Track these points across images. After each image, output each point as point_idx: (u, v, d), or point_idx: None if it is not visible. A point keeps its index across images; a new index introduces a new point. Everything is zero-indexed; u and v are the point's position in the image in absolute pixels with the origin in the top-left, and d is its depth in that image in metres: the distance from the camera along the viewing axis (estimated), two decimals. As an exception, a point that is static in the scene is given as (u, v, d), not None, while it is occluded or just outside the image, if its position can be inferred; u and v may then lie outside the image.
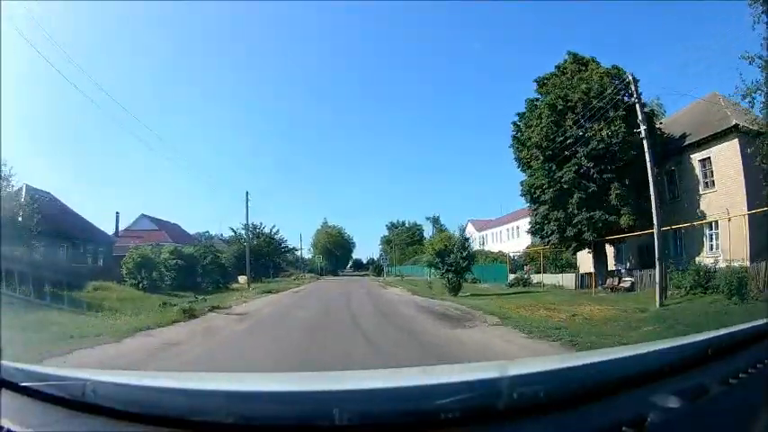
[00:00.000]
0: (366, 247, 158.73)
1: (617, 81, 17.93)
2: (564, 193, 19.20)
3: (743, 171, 15.87)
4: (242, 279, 33.61)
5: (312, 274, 51.94)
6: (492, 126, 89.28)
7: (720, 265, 14.29)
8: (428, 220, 75.35)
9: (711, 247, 17.24)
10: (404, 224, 78.52)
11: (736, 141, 16.24)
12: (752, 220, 14.24)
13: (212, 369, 5.58)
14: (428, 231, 76.04)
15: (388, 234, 79.44)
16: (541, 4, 57.48)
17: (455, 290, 19.38)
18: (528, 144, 20.78)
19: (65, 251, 22.66)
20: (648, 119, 16.36)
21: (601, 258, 20.68)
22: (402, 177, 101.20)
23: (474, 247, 56.62)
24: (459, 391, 1.15)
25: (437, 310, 13.80)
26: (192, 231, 52.21)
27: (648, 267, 16.59)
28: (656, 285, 13.04)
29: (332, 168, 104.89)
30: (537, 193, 20.31)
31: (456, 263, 19.98)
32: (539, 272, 26.71)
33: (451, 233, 23.47)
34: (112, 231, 32.78)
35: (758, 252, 13.64)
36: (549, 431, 1.15)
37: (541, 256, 26.12)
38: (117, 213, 35.30)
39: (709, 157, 17.71)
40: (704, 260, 15.77)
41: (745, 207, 14.93)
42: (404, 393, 1.24)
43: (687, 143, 18.58)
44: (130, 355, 6.69)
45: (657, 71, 50.13)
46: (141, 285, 20.85)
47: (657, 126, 19.75)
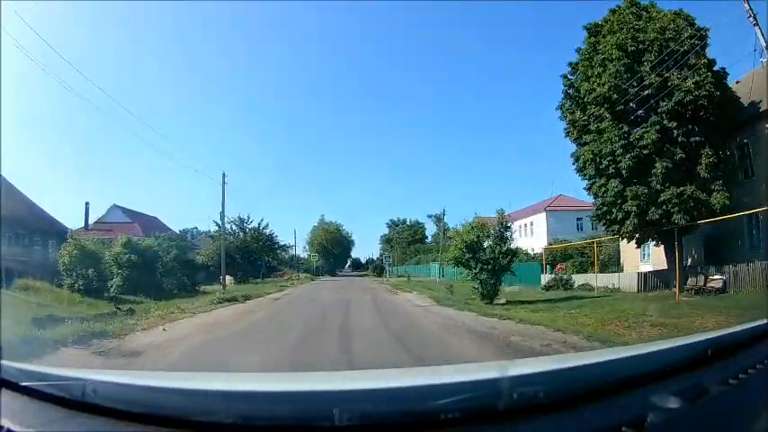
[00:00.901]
0: (365, 247, 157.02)
1: (689, 28, 14.70)
2: (643, 161, 14.54)
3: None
4: (226, 280, 30.17)
5: (307, 275, 48.51)
6: (492, 126, 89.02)
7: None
8: (430, 218, 73.04)
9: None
10: (405, 222, 76.16)
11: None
12: None
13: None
14: (430, 230, 73.24)
15: (388, 233, 77.41)
16: (541, 4, 57.46)
17: (490, 296, 14.58)
18: (587, 101, 16.06)
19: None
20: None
21: (672, 252, 15.43)
22: (402, 176, 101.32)
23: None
24: (460, 391, 1.15)
25: (516, 341, 7.15)
26: (179, 227, 49.42)
27: (720, 263, 14.52)
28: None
29: (329, 167, 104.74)
30: (604, 163, 15.21)
31: (494, 259, 14.74)
32: (571, 272, 22.50)
33: (482, 221, 16.57)
34: (82, 224, 29.40)
35: None
36: (549, 431, 1.14)
37: (595, 251, 21.03)
38: (86, 204, 31.17)
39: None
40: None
41: None
42: (404, 393, 1.24)
43: (765, 109, 14.73)
44: None
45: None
46: (77, 286, 16.72)
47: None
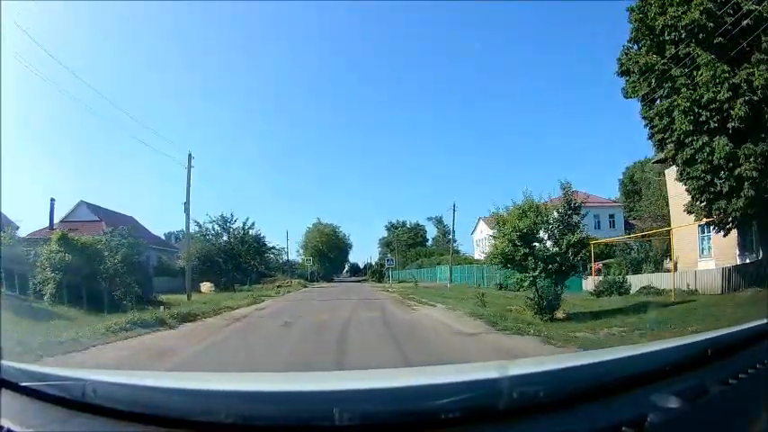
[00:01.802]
0: (363, 252, 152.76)
1: None
2: (756, 109, 10.85)
3: None
4: (205, 287, 26.55)
5: (301, 281, 43.50)
6: (492, 125, 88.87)
7: None
8: (430, 220, 70.98)
9: None
10: (404, 224, 72.66)
11: None
12: None
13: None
14: (430, 233, 70.45)
15: (387, 236, 73.74)
16: (541, 4, 57.44)
17: (551, 308, 10.14)
18: (666, 38, 11.98)
19: None
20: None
21: (747, 240, 11.84)
22: (401, 178, 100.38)
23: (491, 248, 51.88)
24: (460, 391, 1.15)
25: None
26: (163, 231, 45.95)
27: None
28: None
29: (326, 168, 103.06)
30: (704, 114, 11.17)
31: (560, 255, 10.34)
32: (621, 273, 18.20)
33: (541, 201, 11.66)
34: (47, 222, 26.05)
35: None
36: (549, 431, 1.15)
37: (672, 243, 16.55)
38: (52, 201, 27.14)
39: None
40: None
41: None
42: (404, 393, 1.24)
43: None
44: None
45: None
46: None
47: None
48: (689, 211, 13.38)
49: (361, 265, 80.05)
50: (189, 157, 21.63)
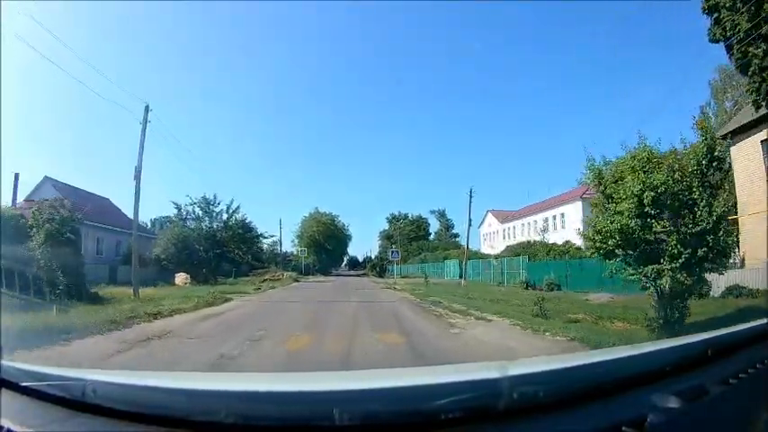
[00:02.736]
0: (362, 246, 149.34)
1: None
2: None
3: None
4: (180, 279, 22.58)
5: (293, 274, 39.33)
6: (492, 125, 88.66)
7: None
8: (433, 213, 69.25)
9: None
10: (406, 217, 69.29)
11: None
12: None
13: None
14: (433, 227, 68.30)
15: (388, 228, 70.28)
16: (541, 4, 57.42)
17: (681, 315, 6.66)
18: None
19: None
20: None
21: None
22: (402, 172, 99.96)
23: (501, 242, 45.65)
24: (459, 391, 1.15)
25: None
26: (150, 217, 42.33)
27: None
28: None
29: (325, 163, 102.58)
30: None
31: (708, 231, 6.34)
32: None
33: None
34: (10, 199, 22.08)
35: None
36: (549, 431, 1.14)
37: None
38: (16, 176, 22.83)
39: None
40: None
41: None
42: (404, 393, 1.24)
43: None
44: None
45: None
46: None
47: None
48: None
49: (361, 259, 76.32)
50: (146, 109, 16.85)
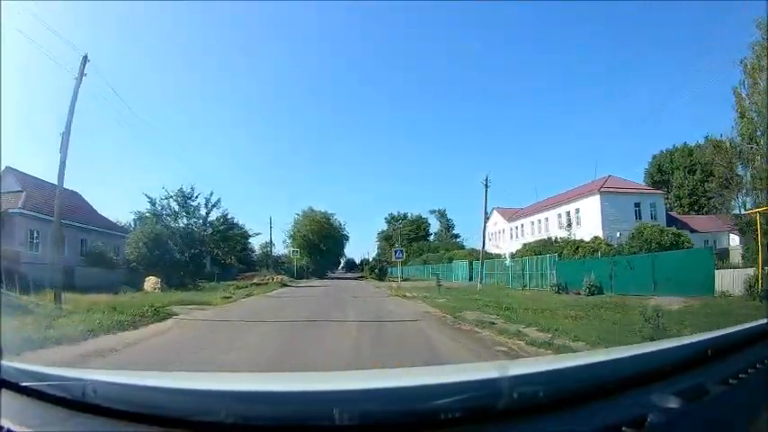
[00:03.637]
0: (359, 248, 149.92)
1: None
2: None
3: None
4: (150, 283, 19.79)
5: (284, 277, 36.34)
6: (492, 125, 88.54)
7: None
8: (432, 213, 68.18)
9: None
10: (405, 217, 68.10)
11: None
12: None
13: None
14: (433, 227, 67.41)
15: (387, 229, 69.46)
16: (541, 4, 57.41)
17: None
18: None
19: None
20: None
21: None
22: (400, 173, 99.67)
23: (508, 241, 42.71)
24: (460, 391, 1.15)
25: None
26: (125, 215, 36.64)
27: None
28: None
29: (325, 164, 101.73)
30: None
31: None
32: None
33: None
34: None
35: None
36: (549, 431, 1.15)
37: None
38: None
39: None
40: None
41: None
42: (404, 393, 1.23)
43: None
44: None
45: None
46: None
47: None
48: None
49: (358, 261, 74.00)
50: (83, 60, 13.18)
